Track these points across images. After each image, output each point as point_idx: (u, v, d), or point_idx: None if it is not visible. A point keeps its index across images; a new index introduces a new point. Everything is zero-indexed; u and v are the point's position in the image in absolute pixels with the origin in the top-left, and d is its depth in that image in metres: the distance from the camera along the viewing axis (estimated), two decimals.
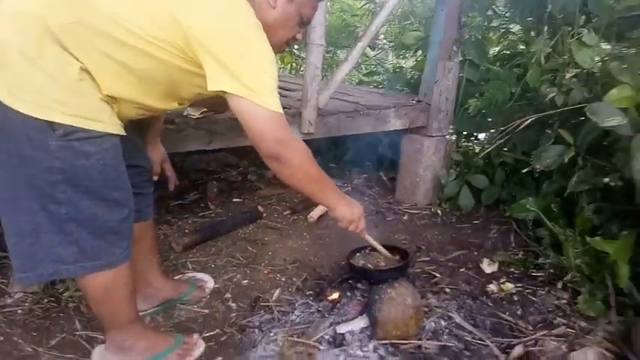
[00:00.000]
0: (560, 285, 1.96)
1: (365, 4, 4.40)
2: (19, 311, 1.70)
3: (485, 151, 2.51)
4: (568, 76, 1.88)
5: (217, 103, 2.11)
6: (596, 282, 1.82)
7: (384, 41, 4.96)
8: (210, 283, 1.95)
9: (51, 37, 1.12)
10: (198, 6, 1.20)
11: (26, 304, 1.73)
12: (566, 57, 1.95)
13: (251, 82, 1.22)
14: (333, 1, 6.17)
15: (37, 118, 1.12)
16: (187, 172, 3.19)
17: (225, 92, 1.23)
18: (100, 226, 1.28)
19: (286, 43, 1.48)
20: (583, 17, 2.17)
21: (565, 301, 1.88)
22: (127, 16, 1.16)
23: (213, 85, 1.22)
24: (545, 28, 2.17)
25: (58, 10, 1.14)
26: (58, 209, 1.22)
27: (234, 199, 2.83)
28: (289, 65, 5.47)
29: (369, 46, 5.04)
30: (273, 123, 1.27)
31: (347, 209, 1.60)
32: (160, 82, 1.29)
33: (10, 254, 1.26)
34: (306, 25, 1.50)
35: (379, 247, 1.85)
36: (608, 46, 1.96)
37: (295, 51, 5.10)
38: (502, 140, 2.35)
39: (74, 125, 1.15)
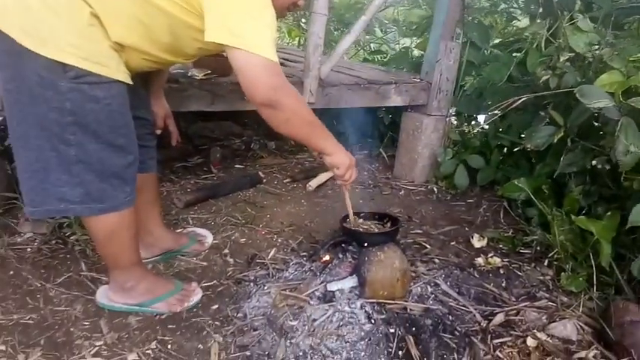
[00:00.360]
0: (546, 262, 2.04)
1: None
2: (29, 249, 1.81)
3: (479, 130, 2.57)
4: (562, 59, 1.94)
5: (222, 66, 2.18)
6: (580, 260, 1.89)
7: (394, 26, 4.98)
8: (209, 238, 2.04)
9: None
10: None
11: (35, 244, 1.83)
12: (560, 41, 2.01)
13: (247, 33, 1.24)
14: None
15: (49, 59, 1.18)
16: (192, 137, 3.26)
17: (221, 44, 1.26)
18: (105, 169, 1.35)
19: (287, 9, 1.52)
20: (579, 5, 2.22)
21: (549, 277, 1.96)
22: None
23: (209, 36, 1.25)
24: (540, 11, 2.21)
25: None
26: (67, 150, 1.29)
27: (236, 166, 2.91)
28: (297, 39, 5.49)
29: (380, 29, 5.08)
30: (267, 70, 1.29)
31: (344, 156, 1.61)
32: (165, 34, 1.34)
33: (21, 188, 1.35)
34: None
35: (351, 212, 1.87)
36: (605, 34, 2.01)
37: (303, 25, 5.12)
38: (497, 120, 2.42)
39: (85, 69, 1.22)
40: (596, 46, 1.99)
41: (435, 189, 2.82)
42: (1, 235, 1.84)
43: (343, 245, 1.93)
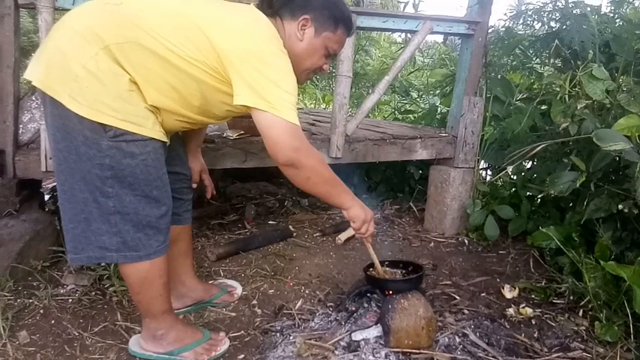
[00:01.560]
0: (580, 312, 1.99)
1: (400, 48, 4.64)
2: (70, 300, 1.92)
3: (508, 181, 2.58)
4: (580, 107, 1.98)
5: (253, 127, 2.33)
6: (614, 308, 1.84)
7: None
8: (239, 289, 2.10)
9: (107, 53, 1.34)
10: (231, 32, 1.40)
11: (76, 295, 1.95)
12: (577, 89, 2.06)
13: (270, 97, 1.36)
14: (377, 49, 6.52)
15: (92, 121, 1.33)
16: (229, 196, 3.41)
17: (247, 106, 1.38)
18: (140, 219, 1.46)
19: (313, 72, 1.66)
20: (598, 55, 2.28)
21: (584, 328, 1.90)
22: (170, 38, 1.36)
23: (238, 100, 1.38)
24: (557, 61, 2.28)
25: (113, 30, 1.35)
26: (106, 202, 1.41)
27: (269, 222, 3.00)
28: (330, 104, 5.72)
29: (410, 90, 5.25)
30: (289, 133, 1.40)
31: (361, 210, 1.68)
32: (196, 98, 1.47)
33: (65, 237, 1.47)
34: (332, 57, 1.67)
35: (376, 261, 1.89)
36: (621, 80, 2.05)
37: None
38: (525, 170, 2.43)
39: (122, 128, 1.36)
40: (613, 92, 2.02)
41: (466, 241, 2.81)
42: (46, 286, 1.97)
43: (368, 294, 1.95)
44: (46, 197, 2.52)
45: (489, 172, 3.29)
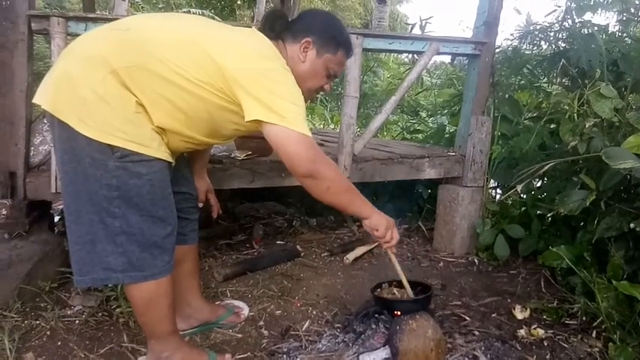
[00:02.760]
0: (593, 333, 1.95)
1: (407, 69, 4.68)
2: (77, 322, 1.92)
3: (518, 200, 2.56)
4: (588, 125, 1.97)
5: (261, 148, 2.36)
6: (628, 328, 1.80)
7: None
8: (245, 310, 2.09)
9: (115, 77, 1.36)
10: (235, 53, 1.44)
11: (83, 316, 1.95)
12: (585, 107, 2.05)
13: (281, 110, 1.39)
14: (385, 70, 6.59)
15: (100, 142, 1.35)
16: (237, 216, 3.42)
17: (260, 121, 1.40)
18: (146, 239, 1.46)
19: (315, 92, 1.70)
20: (606, 74, 2.28)
21: (597, 349, 1.86)
22: (176, 61, 1.39)
23: (249, 116, 1.40)
24: (565, 80, 2.28)
25: (121, 55, 1.38)
26: (112, 222, 1.42)
27: (277, 242, 2.99)
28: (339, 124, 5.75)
29: (419, 110, 5.27)
30: (304, 144, 1.42)
31: (382, 217, 1.69)
32: (203, 119, 1.49)
33: (71, 259, 1.47)
34: (333, 78, 1.70)
35: (401, 273, 1.85)
36: (630, 98, 2.04)
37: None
38: (535, 189, 2.41)
39: (129, 149, 1.38)
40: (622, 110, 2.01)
41: (476, 260, 2.77)
42: (54, 307, 1.98)
43: (376, 315, 1.93)
44: (56, 219, 2.54)
45: (499, 190, 3.27)
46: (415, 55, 4.24)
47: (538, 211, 2.67)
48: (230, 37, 1.49)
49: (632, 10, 2.93)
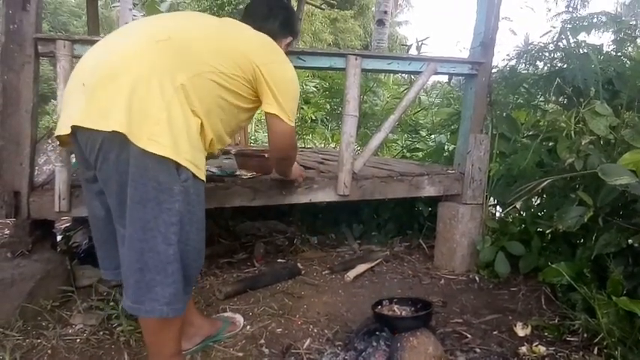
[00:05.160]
0: (595, 350, 1.94)
1: (405, 89, 4.74)
2: (78, 340, 1.92)
3: (517, 217, 2.57)
4: (584, 142, 1.99)
5: (264, 167, 2.40)
6: (629, 345, 1.80)
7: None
8: (239, 318, 2.12)
9: (183, 92, 1.39)
10: (267, 56, 1.62)
11: (84, 335, 1.95)
12: (581, 125, 2.08)
13: (289, 110, 1.68)
14: (384, 90, 6.67)
15: (169, 162, 1.34)
16: (239, 235, 3.43)
17: (273, 114, 1.65)
18: (191, 272, 1.51)
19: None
20: (601, 93, 2.32)
21: None
22: (221, 62, 1.49)
23: (268, 108, 1.64)
24: (561, 99, 2.32)
25: (181, 66, 1.42)
26: (166, 250, 1.39)
27: (278, 260, 3.00)
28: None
29: (418, 128, 5.31)
30: (293, 136, 1.81)
31: (296, 170, 2.26)
32: (234, 124, 1.65)
33: (123, 282, 1.48)
34: None
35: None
36: (626, 116, 2.08)
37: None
38: (534, 206, 2.43)
39: (192, 171, 1.40)
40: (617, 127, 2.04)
41: (477, 278, 2.77)
42: (55, 326, 1.98)
43: (377, 333, 1.93)
44: (58, 237, 2.56)
45: (499, 208, 3.28)
46: (413, 75, 4.29)
47: (538, 228, 2.68)
48: (251, 34, 1.67)
49: (628, 31, 2.99)
